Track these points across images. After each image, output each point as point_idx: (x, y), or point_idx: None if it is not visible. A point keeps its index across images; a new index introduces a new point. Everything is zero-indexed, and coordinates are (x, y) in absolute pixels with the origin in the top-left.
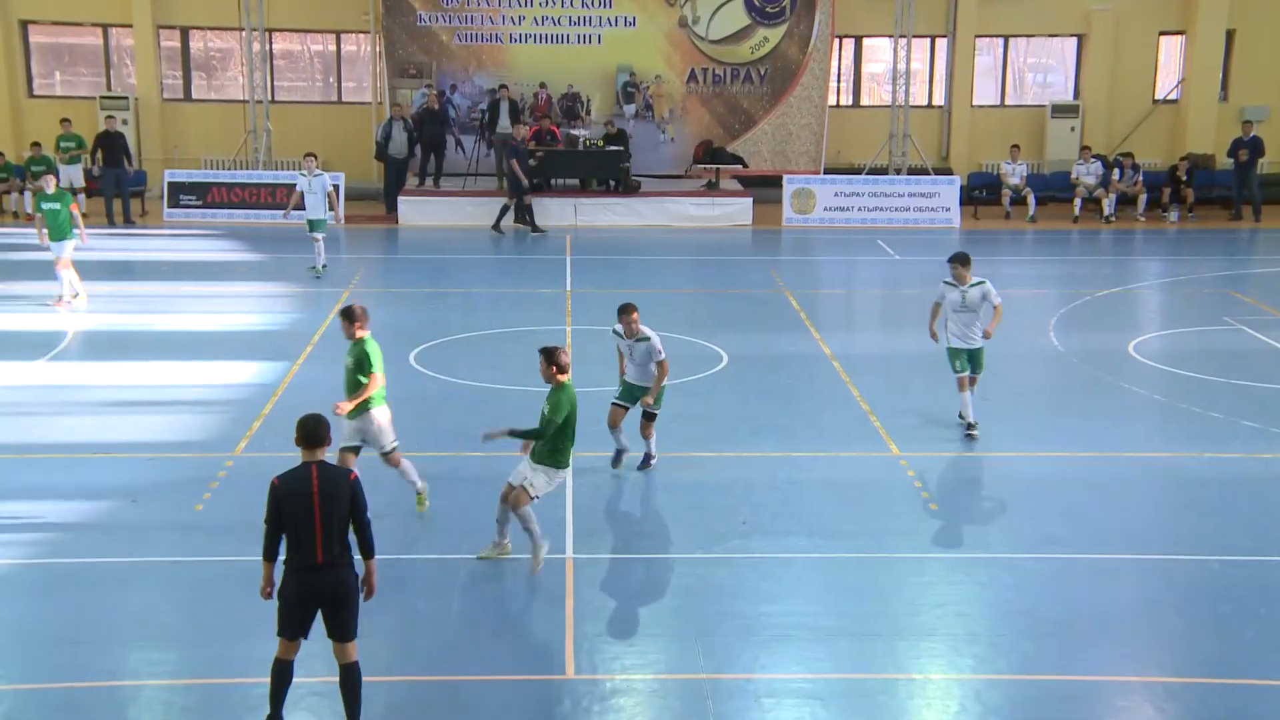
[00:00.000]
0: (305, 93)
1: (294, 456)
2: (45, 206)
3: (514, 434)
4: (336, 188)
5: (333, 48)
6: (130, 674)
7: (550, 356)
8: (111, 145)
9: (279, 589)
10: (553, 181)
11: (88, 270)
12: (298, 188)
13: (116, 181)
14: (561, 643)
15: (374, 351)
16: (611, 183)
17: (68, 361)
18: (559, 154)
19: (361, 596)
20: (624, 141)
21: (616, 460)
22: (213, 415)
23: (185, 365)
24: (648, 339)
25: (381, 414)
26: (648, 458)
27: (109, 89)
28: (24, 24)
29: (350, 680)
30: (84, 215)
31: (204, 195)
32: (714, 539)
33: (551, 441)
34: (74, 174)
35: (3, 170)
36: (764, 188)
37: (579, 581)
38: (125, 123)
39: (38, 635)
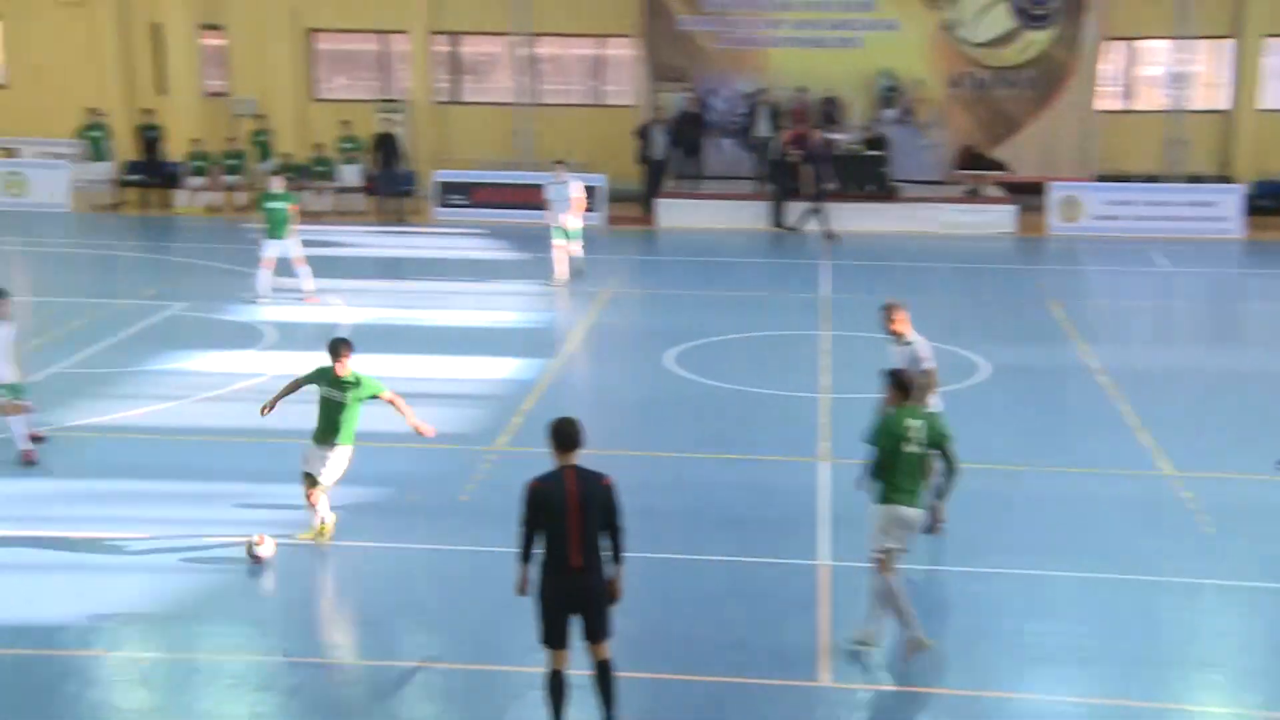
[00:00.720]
0: (569, 95)
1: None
2: (268, 205)
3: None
4: (592, 190)
5: (596, 52)
6: (400, 655)
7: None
8: (386, 147)
9: (539, 592)
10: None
11: (362, 267)
12: (547, 194)
13: (390, 181)
14: (814, 649)
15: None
16: (870, 188)
17: None
18: (817, 158)
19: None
20: (884, 147)
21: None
22: (476, 409)
23: (450, 360)
24: (911, 343)
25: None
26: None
27: (385, 93)
28: (311, 32)
29: (605, 676)
30: (360, 214)
31: (471, 195)
32: (973, 552)
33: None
34: (352, 174)
35: (290, 169)
36: (1028, 194)
37: (836, 588)
38: (400, 125)
39: (317, 614)
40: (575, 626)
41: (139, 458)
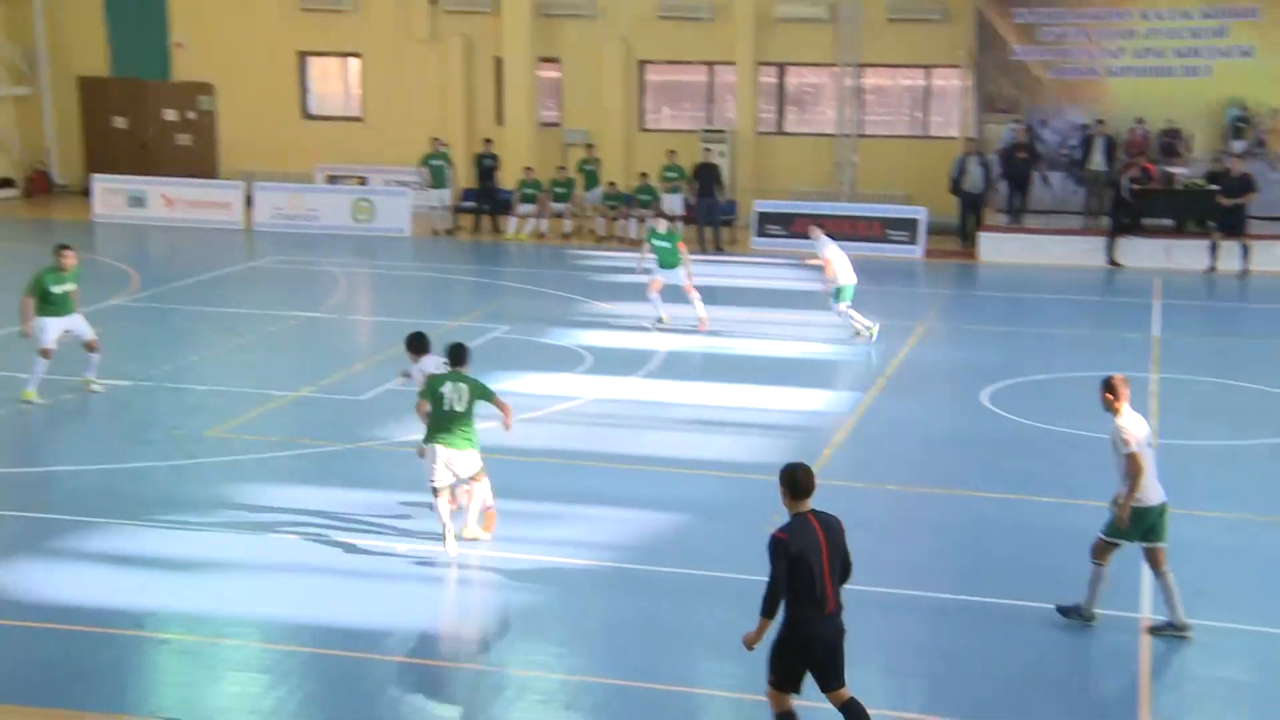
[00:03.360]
0: (893, 127)
1: (867, 487)
2: (656, 243)
3: None
4: (911, 223)
5: (923, 82)
6: (700, 682)
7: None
8: (706, 176)
9: (789, 639)
10: (1144, 221)
11: (678, 294)
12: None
13: (709, 210)
14: (1134, 708)
15: (428, 379)
16: (1211, 224)
17: (658, 379)
18: (1155, 193)
19: None
20: (1243, 184)
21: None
22: (786, 440)
23: (762, 389)
24: (1116, 422)
25: (429, 450)
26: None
27: (710, 123)
28: (642, 64)
29: (861, 710)
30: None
31: (789, 225)
32: None
33: None
34: (674, 203)
35: (615, 198)
36: None
37: (1157, 642)
38: (722, 155)
39: (619, 635)
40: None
41: None
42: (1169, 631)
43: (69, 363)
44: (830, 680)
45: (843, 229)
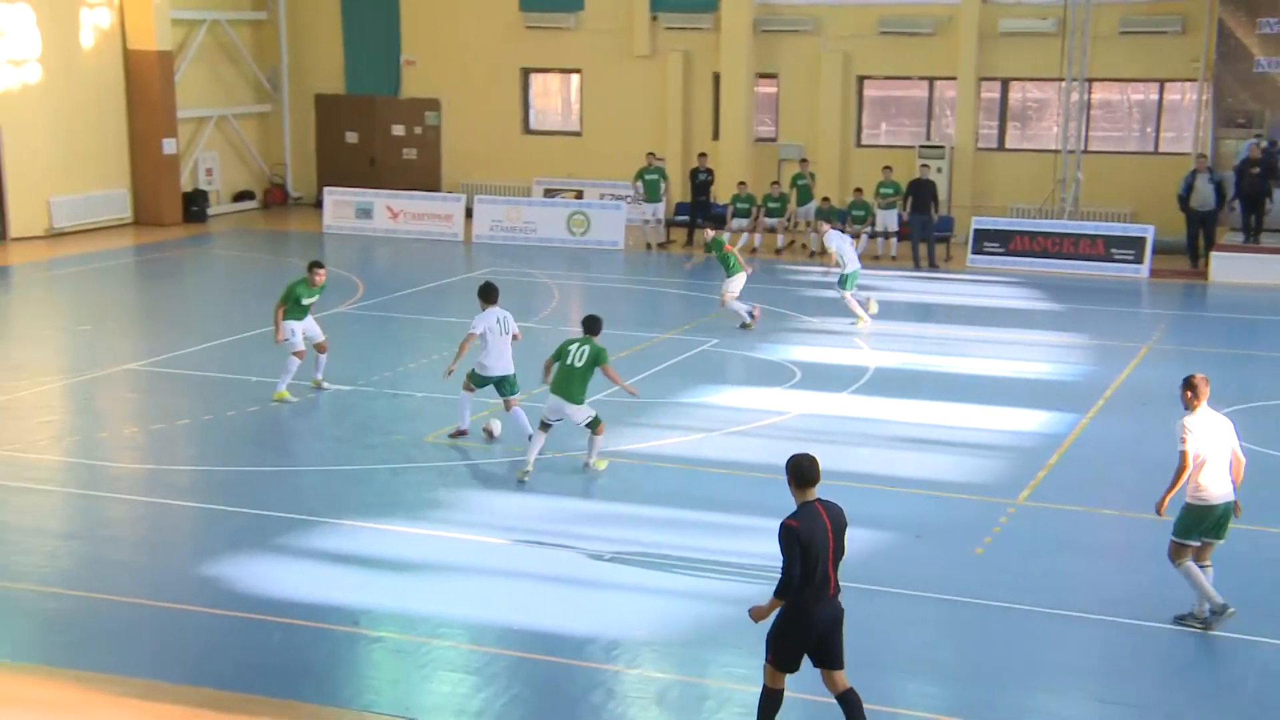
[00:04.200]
0: (1120, 143)
1: (1083, 510)
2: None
3: None
4: (1139, 242)
5: (1154, 97)
6: (902, 702)
7: None
8: (921, 192)
9: (794, 622)
10: None
11: (891, 311)
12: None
13: (923, 227)
14: None
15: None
16: None
17: (867, 396)
18: None
19: None
20: None
21: None
22: (998, 460)
23: (975, 409)
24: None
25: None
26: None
27: (928, 138)
28: (860, 79)
29: (857, 702)
30: (892, 259)
31: (1007, 243)
32: None
33: None
34: (889, 219)
35: (829, 214)
36: None
37: None
38: (940, 171)
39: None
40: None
41: (665, 486)
42: (1190, 622)
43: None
44: (829, 660)
45: (1064, 247)
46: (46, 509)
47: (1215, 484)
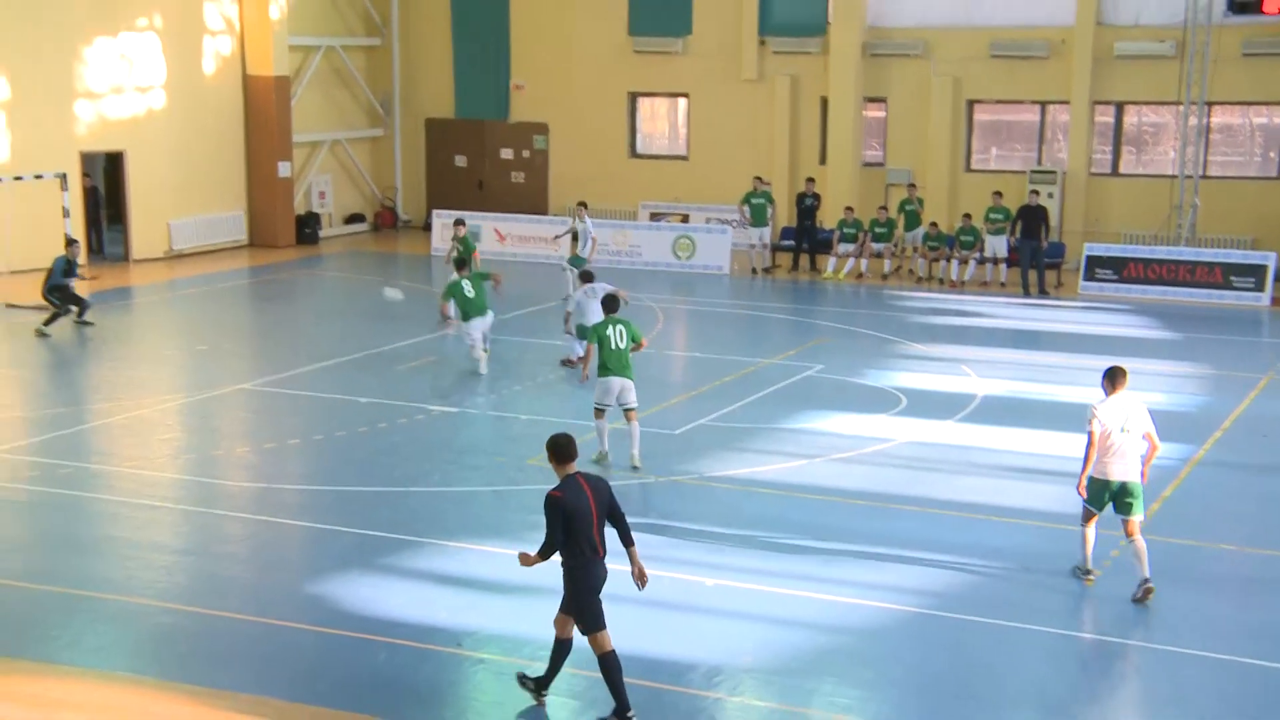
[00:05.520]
0: (1241, 167)
1: (1197, 544)
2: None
3: None
4: (1261, 270)
5: (1278, 120)
6: None
7: None
8: (1031, 218)
9: (579, 589)
10: None
11: (998, 338)
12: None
13: (1033, 253)
14: None
15: (592, 329)
16: None
17: (974, 424)
18: None
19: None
20: None
21: None
22: None
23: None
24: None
25: (602, 382)
26: None
27: (1039, 163)
28: (970, 103)
29: (617, 664)
30: (1001, 285)
31: (1121, 270)
32: None
33: None
34: (998, 245)
35: (937, 239)
36: None
37: None
38: (1050, 196)
39: (925, 684)
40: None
41: (767, 511)
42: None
43: (402, 389)
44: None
45: (1180, 275)
46: (163, 524)
47: (1111, 463)
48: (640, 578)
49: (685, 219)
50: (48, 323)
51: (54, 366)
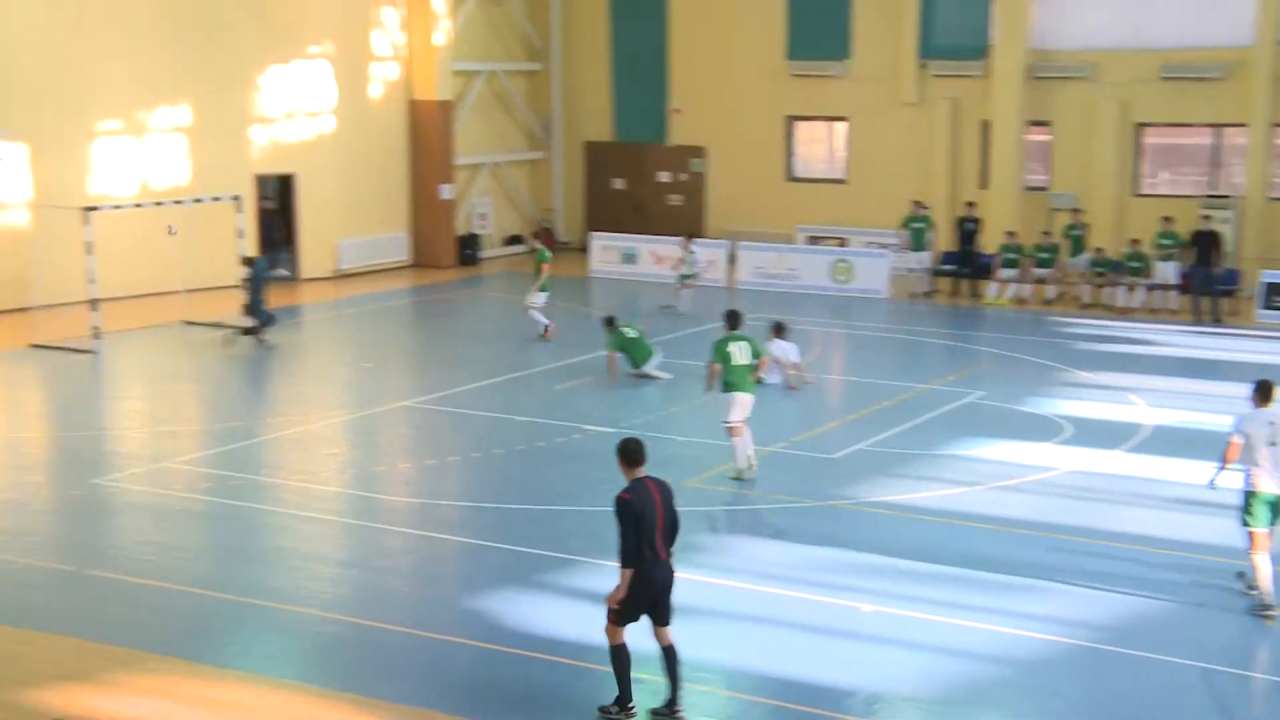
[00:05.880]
0: None
1: None
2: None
3: None
4: None
5: None
6: None
7: None
8: (1205, 243)
9: (632, 587)
10: None
11: (1169, 366)
12: None
13: (1206, 280)
14: None
15: (715, 346)
16: None
17: (1143, 454)
18: None
19: None
20: None
21: None
22: None
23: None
24: None
25: (728, 398)
26: None
27: (1212, 188)
28: (1139, 126)
29: (675, 655)
30: (1172, 312)
31: None
32: None
33: None
34: (1168, 270)
35: (1103, 265)
36: None
37: None
38: (1225, 221)
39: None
40: None
41: (926, 538)
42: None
43: (559, 409)
44: (661, 617)
45: None
46: (327, 537)
47: (1262, 476)
48: None
49: (843, 243)
50: (256, 332)
51: (229, 382)
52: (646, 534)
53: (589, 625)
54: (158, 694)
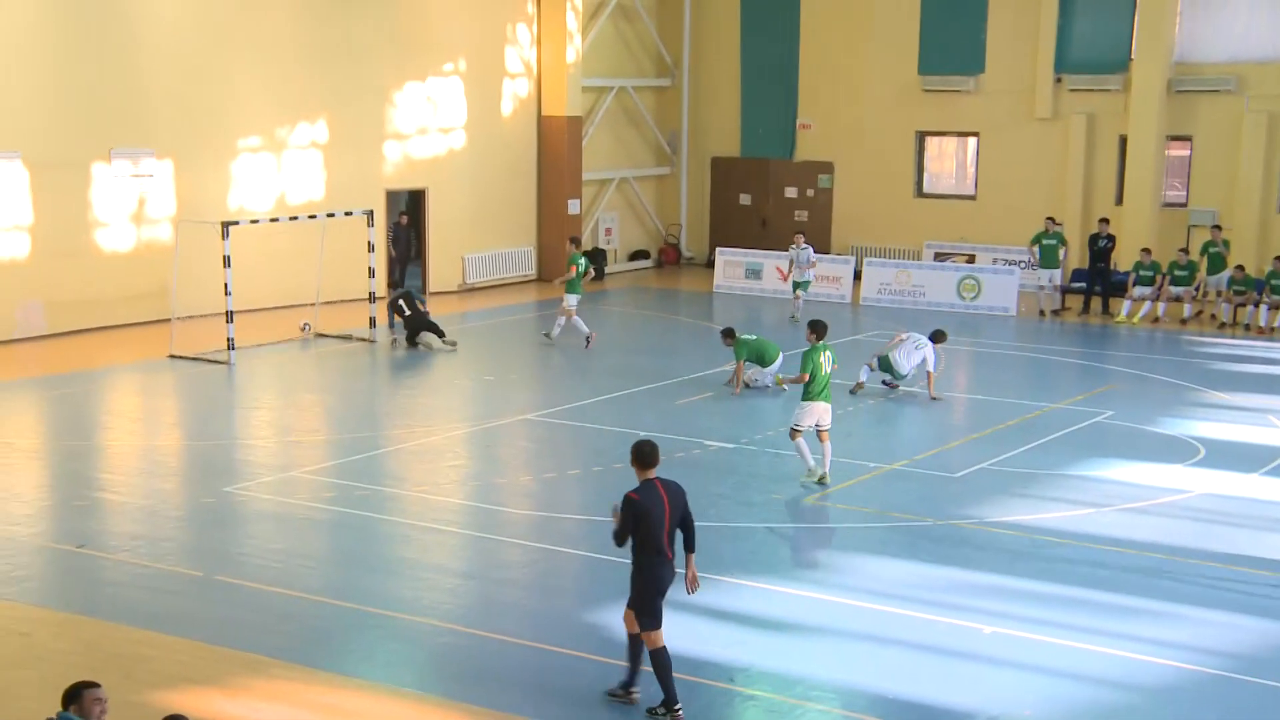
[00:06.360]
0: None
1: None
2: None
3: None
4: None
5: None
6: None
7: None
8: None
9: (647, 588)
10: None
11: None
12: None
13: None
14: None
15: (807, 355)
16: None
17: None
18: None
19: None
20: None
21: None
22: None
23: None
24: None
25: (808, 406)
26: None
27: None
28: None
29: (667, 661)
30: None
31: None
32: None
33: None
34: None
35: (1244, 283)
36: None
37: None
38: None
39: None
40: None
41: (1050, 559)
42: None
43: (680, 424)
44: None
45: None
46: (449, 548)
47: None
48: (692, 583)
49: (971, 259)
50: (442, 335)
51: (356, 393)
52: (653, 533)
53: (705, 641)
54: (280, 700)
